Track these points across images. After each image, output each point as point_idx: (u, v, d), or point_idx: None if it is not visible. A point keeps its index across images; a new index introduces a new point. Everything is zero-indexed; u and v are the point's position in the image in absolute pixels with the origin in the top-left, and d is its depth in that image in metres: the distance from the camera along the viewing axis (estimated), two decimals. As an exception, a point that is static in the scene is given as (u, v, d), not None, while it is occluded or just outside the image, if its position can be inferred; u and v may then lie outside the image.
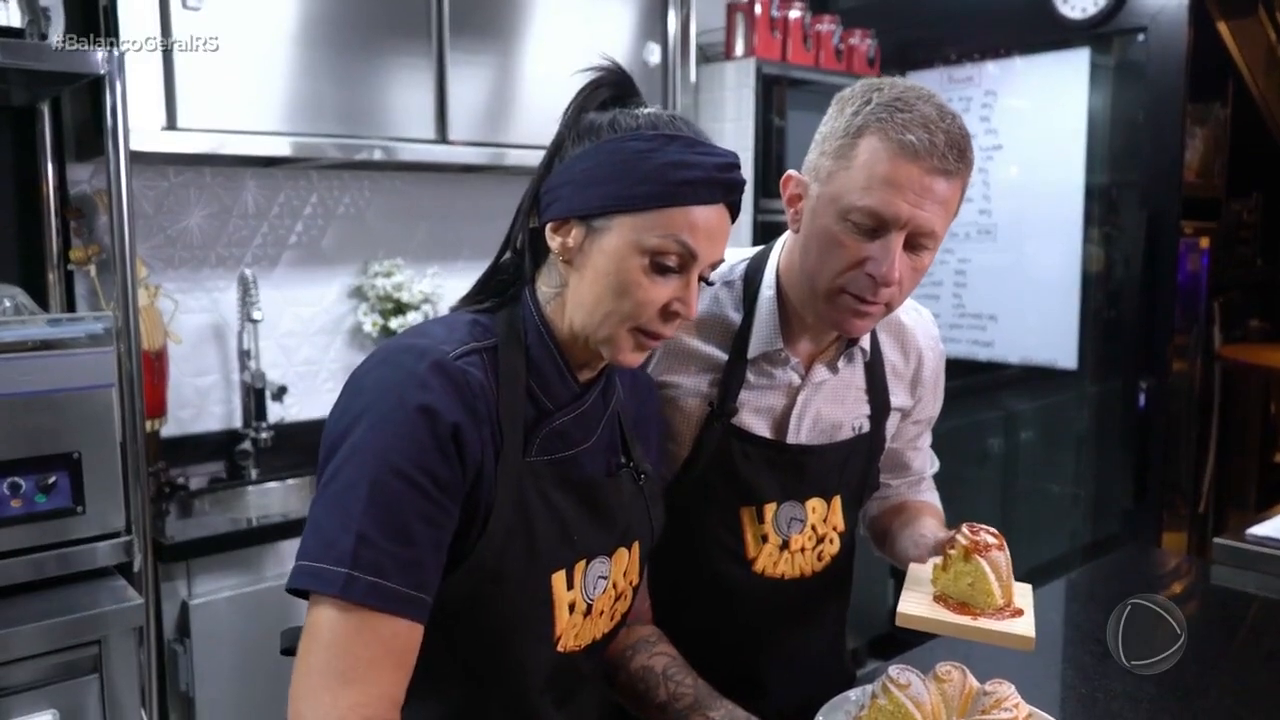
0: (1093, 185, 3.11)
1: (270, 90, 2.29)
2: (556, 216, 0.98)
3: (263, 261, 2.66)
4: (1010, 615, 1.13)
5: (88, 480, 1.73)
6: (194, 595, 2.06)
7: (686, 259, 0.96)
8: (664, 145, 0.95)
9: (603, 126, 0.98)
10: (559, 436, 1.03)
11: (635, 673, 1.18)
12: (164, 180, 2.49)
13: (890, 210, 1.10)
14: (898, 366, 1.38)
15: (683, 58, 3.01)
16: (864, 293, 1.14)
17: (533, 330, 1.02)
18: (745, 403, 1.29)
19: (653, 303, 0.96)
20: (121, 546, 1.78)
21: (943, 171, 1.09)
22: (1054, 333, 3.19)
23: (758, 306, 1.28)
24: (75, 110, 2.27)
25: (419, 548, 0.91)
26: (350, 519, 0.89)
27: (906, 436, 1.47)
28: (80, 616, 1.65)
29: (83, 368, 1.72)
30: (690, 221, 0.95)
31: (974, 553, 1.13)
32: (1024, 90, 3.23)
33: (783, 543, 1.31)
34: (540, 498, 1.00)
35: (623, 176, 0.95)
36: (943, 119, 1.11)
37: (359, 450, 0.91)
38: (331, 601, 0.89)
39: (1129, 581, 2.00)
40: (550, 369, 1.02)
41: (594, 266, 0.96)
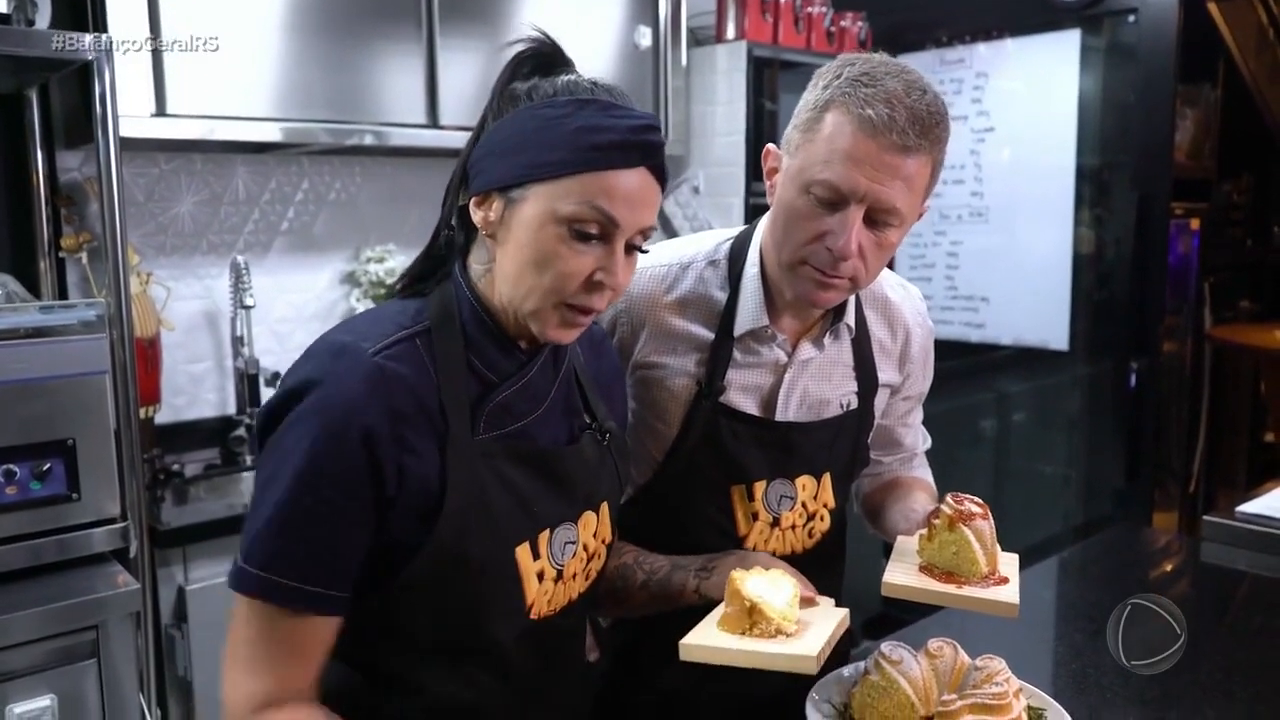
0: (1084, 167, 3.11)
1: (260, 76, 2.29)
2: (478, 190, 0.97)
3: (255, 248, 2.66)
4: (995, 583, 1.14)
5: (82, 467, 1.73)
6: (190, 581, 2.06)
7: (607, 226, 0.94)
8: (577, 110, 0.93)
9: (521, 95, 0.97)
10: (505, 411, 1.02)
11: (612, 575, 1.20)
12: (154, 167, 2.49)
13: (848, 184, 1.11)
14: (885, 343, 1.38)
15: (674, 41, 3.01)
16: (824, 266, 1.15)
17: (466, 307, 1.00)
18: (733, 381, 1.29)
19: (574, 274, 0.94)
20: (117, 533, 1.78)
21: (902, 148, 1.09)
22: (1045, 314, 3.20)
23: (743, 285, 1.28)
24: (64, 97, 2.26)
25: (329, 549, 0.95)
26: (266, 522, 0.93)
27: (897, 413, 1.47)
28: (78, 602, 1.66)
29: (75, 355, 1.72)
30: (607, 187, 0.93)
31: (958, 522, 1.14)
32: (1015, 72, 3.23)
33: (773, 520, 1.32)
34: (494, 475, 1.00)
35: (535, 145, 0.93)
36: (909, 94, 1.10)
37: (274, 453, 0.95)
38: (246, 604, 0.95)
39: (1120, 560, 2.02)
40: (488, 343, 1.00)
41: (514, 239, 0.95)
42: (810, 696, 1.16)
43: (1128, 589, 1.77)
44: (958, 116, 3.34)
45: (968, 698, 1.07)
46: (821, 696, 1.17)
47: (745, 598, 1.06)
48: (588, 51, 2.82)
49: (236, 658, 0.96)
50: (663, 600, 1.22)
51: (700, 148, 3.14)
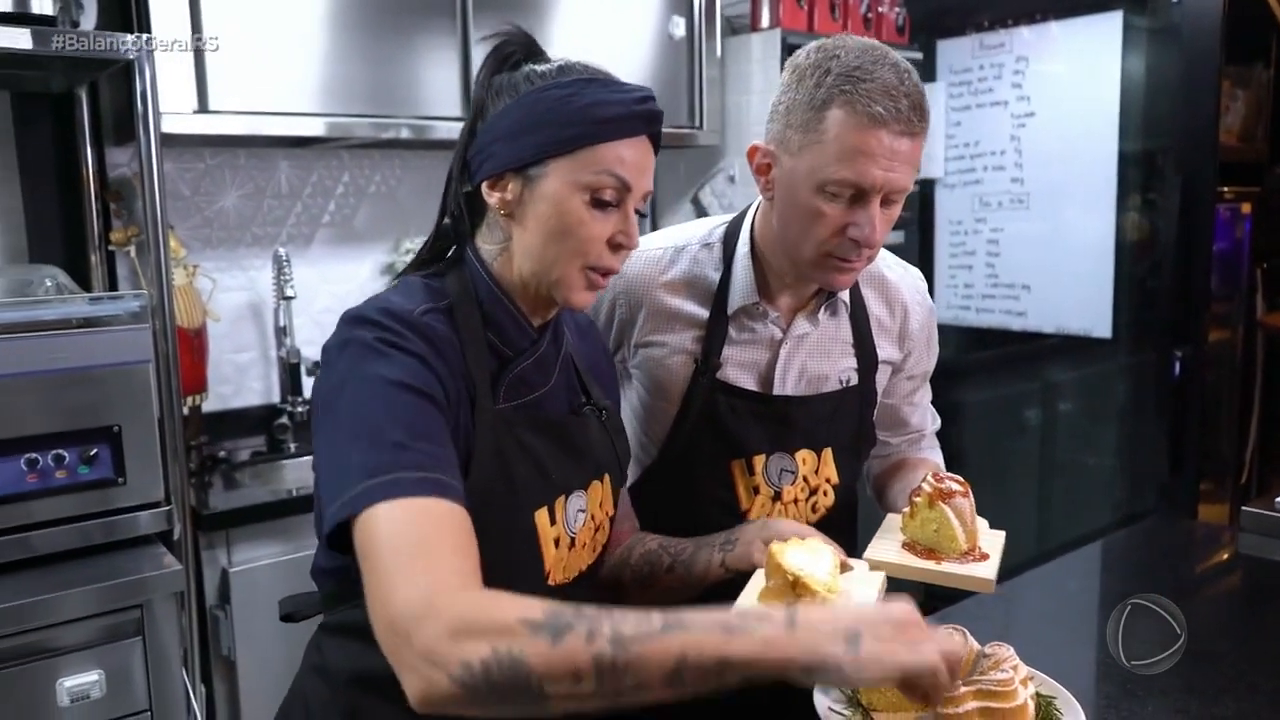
0: (1127, 151, 3.05)
1: (300, 72, 2.34)
2: (492, 173, 1.02)
3: (297, 240, 2.72)
4: (975, 560, 1.15)
5: (128, 452, 1.80)
6: (234, 563, 2.13)
7: (621, 191, 1.01)
8: (583, 88, 1.00)
9: (519, 81, 1.03)
10: (522, 382, 1.08)
11: (638, 563, 1.23)
12: (200, 163, 2.56)
13: (866, 179, 1.16)
14: (883, 320, 1.42)
15: (708, 30, 3.01)
16: (849, 254, 1.22)
17: (483, 286, 1.06)
18: (730, 358, 1.34)
19: (597, 238, 1.01)
20: (162, 515, 1.85)
21: (909, 134, 1.16)
22: (1088, 301, 3.15)
23: (735, 264, 1.34)
24: (113, 96, 2.33)
25: (445, 447, 0.93)
26: (378, 436, 0.89)
27: (901, 392, 1.50)
28: (123, 582, 1.73)
29: (121, 345, 1.78)
30: (619, 155, 1.00)
31: (937, 499, 1.16)
32: (1056, 55, 3.18)
33: (775, 494, 1.36)
34: (515, 441, 1.05)
35: (550, 123, 0.99)
36: (902, 82, 1.16)
37: (364, 384, 0.93)
38: (383, 508, 0.86)
39: (1153, 551, 2.00)
40: (505, 318, 1.06)
41: (536, 214, 1.01)
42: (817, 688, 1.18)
43: (1158, 581, 1.75)
44: (998, 102, 3.30)
45: (972, 684, 1.08)
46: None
47: (788, 570, 1.04)
48: (621, 41, 2.84)
49: (388, 570, 0.83)
50: (690, 580, 1.23)
51: (736, 137, 3.14)
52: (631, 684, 0.77)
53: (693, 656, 0.77)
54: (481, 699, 0.77)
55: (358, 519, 0.86)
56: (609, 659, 0.76)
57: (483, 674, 0.76)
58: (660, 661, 0.77)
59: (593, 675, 0.76)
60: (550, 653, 0.76)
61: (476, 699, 0.77)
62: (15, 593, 1.66)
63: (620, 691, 0.77)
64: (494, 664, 0.76)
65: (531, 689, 0.76)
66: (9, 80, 2.19)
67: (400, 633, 0.79)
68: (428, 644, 0.77)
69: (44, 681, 1.66)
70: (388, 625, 0.81)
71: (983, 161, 3.37)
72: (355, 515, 0.87)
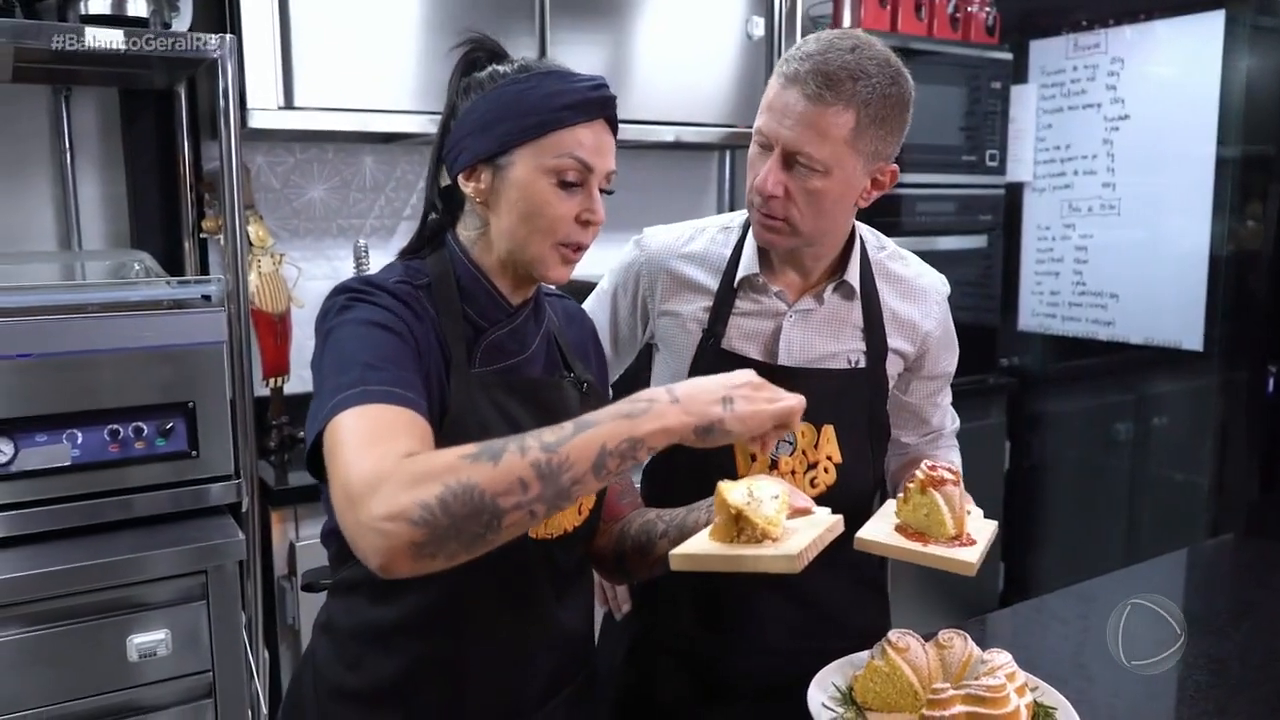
0: (1225, 156, 2.92)
1: (381, 71, 2.43)
2: (465, 165, 1.11)
3: (379, 232, 2.83)
4: (961, 545, 1.17)
5: (201, 427, 1.91)
6: (301, 537, 2.24)
7: (583, 172, 1.09)
8: (540, 80, 1.09)
9: (484, 80, 1.12)
10: (497, 349, 1.14)
11: (637, 533, 1.27)
12: (290, 156, 2.69)
13: (767, 129, 1.30)
14: (897, 313, 1.46)
15: (788, 30, 3.00)
16: (758, 205, 1.33)
17: (460, 266, 1.14)
18: (736, 328, 1.42)
19: (565, 216, 1.09)
20: (231, 488, 1.96)
21: (804, 96, 1.25)
22: (1179, 312, 3.03)
23: (745, 240, 1.44)
24: (208, 92, 2.47)
25: (414, 375, 1.01)
26: (349, 363, 0.99)
27: (924, 392, 1.54)
28: (190, 548, 1.84)
29: (196, 326, 1.90)
30: (578, 139, 1.08)
31: (929, 486, 1.18)
32: (1154, 57, 3.07)
33: (771, 463, 1.39)
34: (490, 401, 1.12)
35: (513, 115, 1.08)
36: (826, 52, 1.26)
37: (340, 328, 1.03)
38: (348, 414, 0.93)
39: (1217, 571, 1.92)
40: (481, 294, 1.14)
41: (508, 199, 1.09)
42: (816, 678, 1.19)
43: (1214, 600, 1.69)
44: (1090, 104, 3.20)
45: (962, 688, 1.08)
46: (827, 678, 1.19)
47: (730, 506, 1.09)
48: (698, 41, 2.85)
49: (346, 457, 0.90)
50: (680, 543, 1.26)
51: (815, 137, 3.13)
52: (568, 480, 0.88)
53: (610, 444, 0.90)
54: (443, 533, 0.84)
55: (326, 430, 0.94)
56: (544, 462, 0.88)
57: (441, 509, 0.84)
58: (585, 454, 0.89)
59: (536, 479, 0.87)
60: (495, 471, 0.86)
61: (438, 534, 0.84)
62: (94, 553, 1.78)
63: (560, 489, 0.88)
64: (449, 496, 0.85)
65: (487, 507, 0.85)
66: (118, 78, 2.36)
67: (357, 501, 0.86)
68: (386, 503, 0.84)
69: (116, 637, 1.79)
70: (345, 501, 0.88)
71: (1073, 166, 3.27)
72: (324, 429, 0.94)
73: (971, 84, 3.11)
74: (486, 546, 0.88)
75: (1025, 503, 3.45)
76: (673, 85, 2.83)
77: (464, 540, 0.86)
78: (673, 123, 2.81)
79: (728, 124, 2.93)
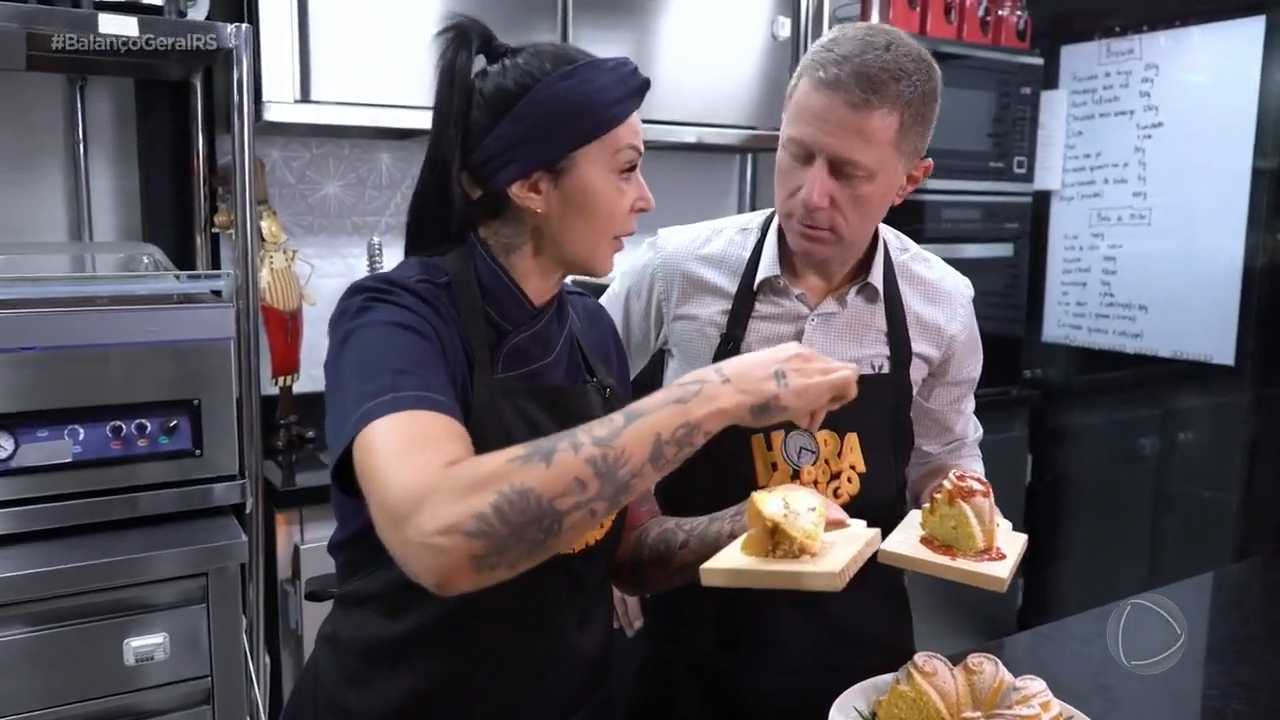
0: (1261, 166, 2.85)
1: (401, 66, 2.39)
2: (519, 176, 1.04)
3: (394, 230, 2.78)
4: (990, 559, 1.11)
5: (206, 426, 1.87)
6: (306, 540, 2.19)
7: (638, 159, 1.08)
8: (585, 73, 1.04)
9: (516, 76, 1.04)
10: (521, 353, 1.09)
11: (655, 542, 1.23)
12: (306, 151, 2.65)
13: (809, 139, 1.23)
14: (921, 317, 1.41)
15: (814, 32, 2.94)
16: (801, 217, 1.27)
17: (484, 265, 1.08)
18: (755, 332, 1.38)
19: (625, 208, 1.08)
20: (235, 488, 1.92)
21: (849, 103, 1.20)
22: (1210, 326, 2.95)
23: (765, 242, 1.40)
24: (224, 84, 2.44)
25: (442, 377, 0.96)
26: (375, 368, 0.92)
27: (948, 399, 1.49)
28: (190, 549, 1.79)
29: (203, 322, 1.86)
30: (632, 129, 1.07)
31: (957, 497, 1.12)
32: (1190, 63, 2.99)
33: (794, 473, 1.34)
34: (513, 408, 1.06)
35: (569, 116, 1.03)
36: (864, 53, 1.20)
37: (361, 330, 0.97)
38: (380, 423, 0.86)
39: (1246, 592, 1.85)
40: (504, 295, 1.08)
41: (574, 202, 1.05)
42: (838, 701, 1.13)
43: (1246, 622, 1.63)
44: (1123, 111, 3.13)
45: (993, 717, 1.02)
46: (848, 702, 1.13)
47: (766, 518, 1.03)
48: (722, 41, 2.80)
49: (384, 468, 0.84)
50: (703, 553, 1.20)
51: (839, 141, 3.07)
52: (626, 474, 0.83)
53: (665, 432, 0.85)
54: (502, 542, 0.79)
55: (355, 444, 0.87)
56: (600, 458, 0.82)
57: (497, 517, 0.78)
58: (641, 445, 0.84)
59: (593, 477, 0.82)
60: (549, 473, 0.81)
61: (497, 544, 0.79)
62: (93, 552, 1.74)
63: (619, 485, 0.83)
64: (504, 504, 0.79)
65: (546, 511, 0.80)
66: (134, 68, 2.32)
67: (402, 519, 0.80)
68: (436, 518, 0.78)
69: (113, 639, 1.74)
70: (389, 518, 0.81)
71: (1103, 174, 3.20)
72: (353, 442, 0.87)
73: (1001, 89, 3.04)
74: (549, 551, 0.83)
75: (1047, 518, 3.37)
76: (695, 85, 2.78)
77: (525, 547, 0.80)
78: (694, 123, 2.76)
79: (750, 126, 2.88)
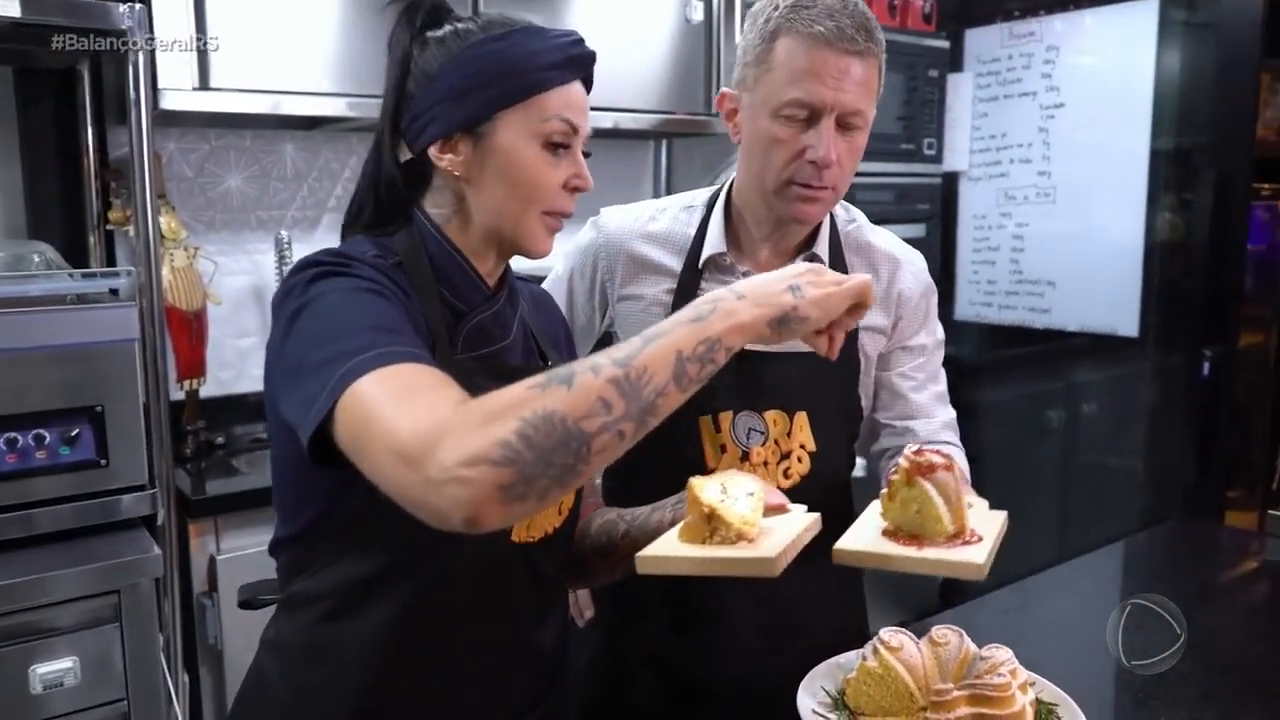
0: (1159, 146, 2.95)
1: (305, 50, 2.29)
2: (438, 136, 1.00)
3: (302, 224, 2.68)
4: (964, 543, 1.01)
5: (111, 434, 1.76)
6: (222, 550, 2.08)
7: (571, 134, 1.02)
8: (518, 38, 0.99)
9: (447, 38, 1.01)
10: (482, 333, 1.06)
11: (597, 534, 1.21)
12: (204, 143, 2.52)
13: (817, 97, 1.20)
14: None
15: (727, 15, 2.93)
16: (809, 179, 1.24)
17: (433, 243, 1.04)
18: None
19: (554, 183, 1.02)
20: (145, 499, 1.81)
21: (855, 52, 1.20)
22: (1115, 299, 3.05)
23: (710, 219, 1.37)
24: (115, 72, 2.30)
25: (421, 343, 0.91)
26: (349, 330, 0.87)
27: (898, 365, 1.43)
28: (100, 566, 1.69)
29: (105, 323, 1.74)
30: (565, 100, 1.01)
31: (915, 475, 1.02)
32: (1088, 46, 3.08)
33: (743, 454, 1.32)
34: (477, 391, 1.00)
35: (494, 78, 0.98)
36: (845, 6, 1.21)
37: (321, 299, 0.90)
38: (368, 378, 0.81)
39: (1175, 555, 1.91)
40: (458, 274, 1.04)
41: (492, 169, 1.00)
42: (803, 683, 1.11)
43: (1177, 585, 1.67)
44: (1026, 93, 3.20)
45: (966, 688, 1.01)
46: (815, 683, 1.11)
47: (703, 504, 1.00)
48: (635, 24, 2.77)
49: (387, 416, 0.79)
50: (644, 542, 1.17)
51: (753, 126, 3.07)
52: (650, 393, 0.80)
53: (685, 349, 0.82)
54: (530, 469, 0.75)
55: (339, 405, 0.81)
56: (622, 378, 0.79)
57: (523, 443, 0.75)
58: (663, 363, 0.81)
59: (617, 396, 0.78)
60: (571, 395, 0.77)
61: (525, 472, 0.75)
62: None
63: (644, 404, 0.80)
64: (528, 429, 0.75)
65: (572, 433, 0.76)
66: (11, 55, 2.16)
67: (419, 457, 0.75)
68: (457, 450, 0.74)
69: (17, 667, 1.62)
70: (403, 460, 0.76)
71: (1009, 154, 3.27)
72: (336, 403, 0.81)
73: (909, 72, 3.08)
74: (579, 478, 0.78)
75: (964, 493, 3.43)
76: (608, 70, 2.69)
77: (554, 474, 0.76)
78: (609, 109, 2.71)
79: (666, 110, 2.85)
